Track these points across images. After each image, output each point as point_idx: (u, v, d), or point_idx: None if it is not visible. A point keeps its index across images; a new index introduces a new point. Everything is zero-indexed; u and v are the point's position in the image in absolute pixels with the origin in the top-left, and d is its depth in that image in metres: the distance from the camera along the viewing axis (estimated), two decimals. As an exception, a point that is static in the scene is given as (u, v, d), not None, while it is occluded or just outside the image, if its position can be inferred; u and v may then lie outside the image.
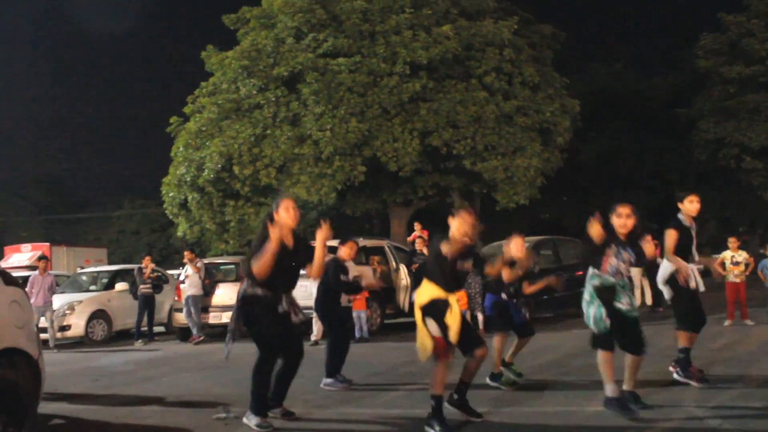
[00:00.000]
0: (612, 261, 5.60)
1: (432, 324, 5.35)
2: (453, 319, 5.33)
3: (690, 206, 6.73)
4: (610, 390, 5.52)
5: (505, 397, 6.11)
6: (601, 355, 5.58)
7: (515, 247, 6.99)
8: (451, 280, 5.46)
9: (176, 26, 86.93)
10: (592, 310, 5.62)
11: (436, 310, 5.38)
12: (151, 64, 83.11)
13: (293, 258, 5.83)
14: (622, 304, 5.55)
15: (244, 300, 5.80)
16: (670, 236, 6.68)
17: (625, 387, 5.67)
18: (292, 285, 5.95)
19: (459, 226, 5.51)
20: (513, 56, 19.63)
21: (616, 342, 5.60)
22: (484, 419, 5.55)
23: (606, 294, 5.59)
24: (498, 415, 5.74)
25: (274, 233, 5.53)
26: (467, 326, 5.64)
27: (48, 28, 75.96)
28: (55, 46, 77.79)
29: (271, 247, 5.51)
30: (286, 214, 5.76)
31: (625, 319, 5.56)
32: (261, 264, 5.55)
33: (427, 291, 5.47)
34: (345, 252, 8.22)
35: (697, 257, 6.77)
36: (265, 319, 5.74)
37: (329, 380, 7.51)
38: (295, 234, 5.94)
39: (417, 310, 5.48)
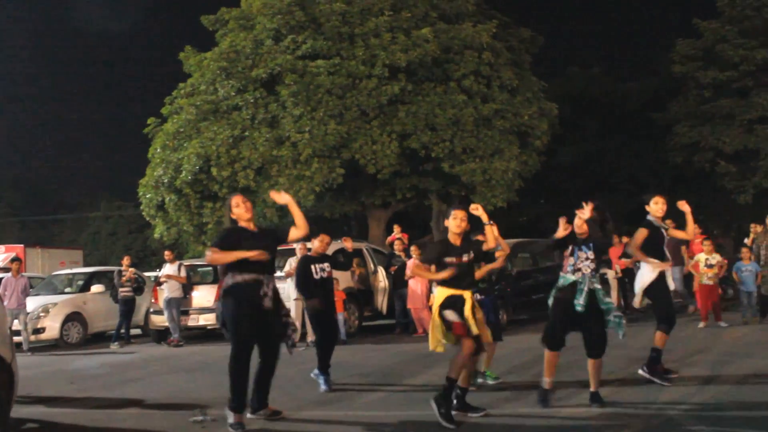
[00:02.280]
0: (569, 261, 5.86)
1: (449, 313, 5.63)
2: (469, 313, 5.61)
3: (655, 207, 6.86)
4: (544, 382, 5.92)
5: (482, 400, 6.14)
6: (546, 353, 5.98)
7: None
8: (457, 277, 5.67)
9: (154, 27, 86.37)
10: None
11: (451, 304, 5.66)
12: (129, 64, 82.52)
13: (260, 240, 5.95)
14: (580, 304, 5.74)
15: (225, 292, 5.91)
16: (639, 233, 6.93)
17: (591, 388, 5.80)
18: (272, 269, 6.04)
19: (451, 222, 5.82)
20: (491, 59, 19.72)
21: (584, 344, 5.86)
22: (462, 421, 5.57)
23: (565, 292, 5.84)
24: (476, 418, 5.75)
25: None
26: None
27: (23, 29, 75.15)
28: (30, 47, 76.94)
29: (235, 254, 5.77)
30: (238, 210, 6.05)
31: (584, 317, 5.77)
32: (219, 257, 5.88)
33: (441, 292, 5.77)
34: (316, 245, 8.05)
35: (669, 257, 6.88)
36: (238, 312, 5.79)
37: (316, 371, 7.58)
38: (261, 227, 6.25)
39: (435, 310, 5.77)
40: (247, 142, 17.96)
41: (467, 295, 5.69)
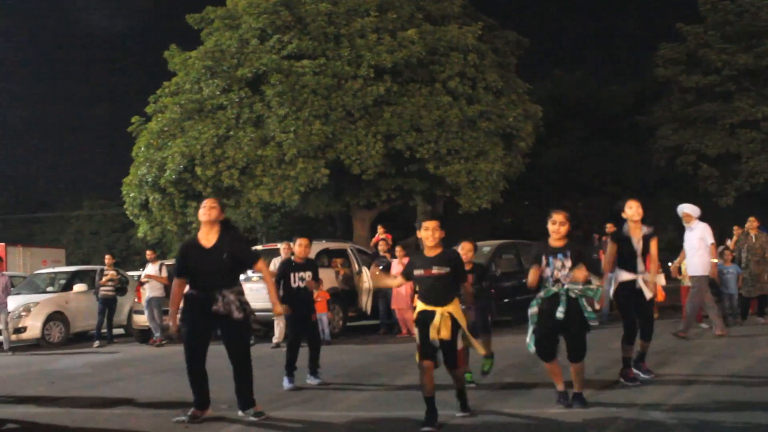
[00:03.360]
0: (546, 272, 5.85)
1: (416, 332, 5.60)
2: (434, 331, 5.47)
3: (629, 211, 6.89)
4: (557, 387, 5.96)
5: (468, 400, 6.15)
6: (545, 365, 5.98)
7: (463, 252, 7.01)
8: (426, 291, 5.57)
9: (139, 25, 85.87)
10: (530, 331, 6.02)
11: (420, 320, 5.56)
12: (113, 62, 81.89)
13: (211, 257, 5.98)
14: (560, 314, 5.75)
15: (184, 300, 6.13)
16: (608, 250, 7.07)
17: (574, 389, 5.88)
18: (225, 282, 5.98)
19: (423, 234, 5.63)
20: (477, 61, 19.79)
21: (566, 349, 5.88)
22: (444, 422, 5.57)
23: (548, 304, 5.84)
24: (458, 418, 5.77)
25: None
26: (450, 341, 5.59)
27: (5, 27, 74.47)
28: (12, 46, 76.26)
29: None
30: (200, 212, 6.15)
31: (562, 325, 5.80)
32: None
33: (418, 306, 5.69)
34: (297, 251, 7.96)
35: (641, 267, 6.89)
36: (187, 318, 6.04)
37: (308, 374, 7.73)
38: (226, 231, 6.14)
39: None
40: (231, 141, 17.91)
41: (438, 311, 5.47)
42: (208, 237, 6.08)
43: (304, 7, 19.30)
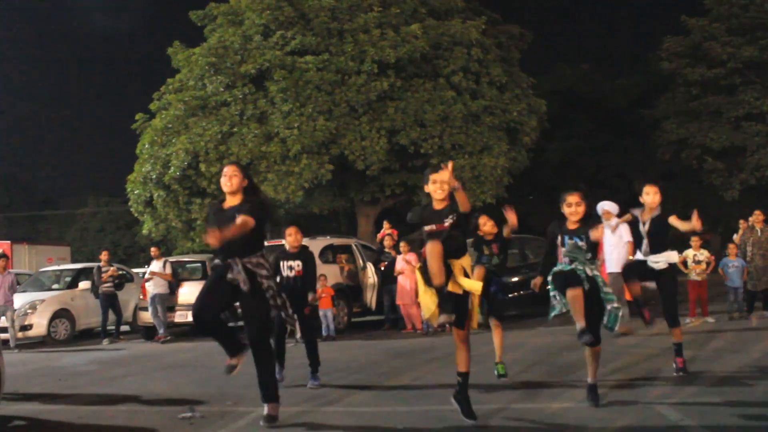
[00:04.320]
0: (562, 253, 5.69)
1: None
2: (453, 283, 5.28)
3: (647, 198, 6.82)
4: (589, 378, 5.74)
5: (472, 396, 6.14)
6: (586, 349, 5.72)
7: (482, 223, 7.34)
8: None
9: (143, 22, 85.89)
10: (554, 302, 5.76)
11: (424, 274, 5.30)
12: (117, 60, 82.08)
13: (222, 216, 5.64)
14: (586, 282, 5.53)
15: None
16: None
17: (589, 379, 5.76)
18: (240, 249, 5.56)
19: (430, 187, 5.41)
20: (480, 56, 19.76)
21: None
22: (444, 416, 5.56)
23: (561, 277, 5.63)
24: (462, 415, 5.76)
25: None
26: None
27: (9, 25, 74.58)
28: (17, 44, 76.36)
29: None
30: (222, 181, 5.83)
31: (590, 300, 5.54)
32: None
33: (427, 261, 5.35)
34: (288, 240, 7.68)
35: (646, 248, 6.82)
36: (206, 280, 5.87)
37: (310, 381, 7.40)
38: (248, 196, 5.78)
39: (419, 279, 5.43)
40: (235, 138, 17.92)
41: (456, 263, 5.30)
42: (230, 201, 5.79)
43: (307, 3, 19.29)
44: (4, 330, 13.22)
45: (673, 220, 6.74)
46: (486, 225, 7.31)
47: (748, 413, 5.25)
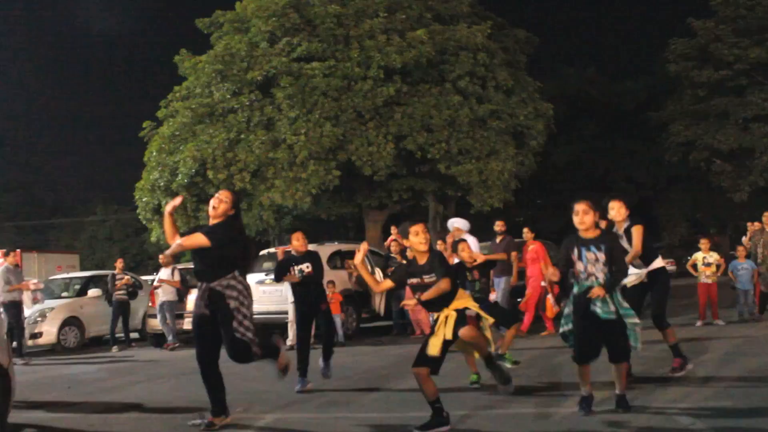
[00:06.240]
0: (579, 266, 5.42)
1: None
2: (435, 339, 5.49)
3: (612, 213, 6.83)
4: (583, 391, 5.57)
5: (478, 400, 6.14)
6: (577, 367, 5.54)
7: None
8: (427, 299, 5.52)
9: (149, 30, 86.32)
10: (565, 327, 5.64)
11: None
12: (124, 68, 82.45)
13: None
14: (597, 307, 5.33)
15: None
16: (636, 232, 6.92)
17: (616, 391, 5.59)
18: (210, 274, 5.73)
19: (413, 240, 5.56)
20: (486, 60, 19.75)
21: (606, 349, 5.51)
22: (452, 426, 5.52)
23: (581, 300, 5.41)
24: (471, 418, 5.75)
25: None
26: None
27: (19, 32, 75.04)
28: (25, 50, 76.86)
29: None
30: (210, 202, 6.03)
31: (603, 323, 5.35)
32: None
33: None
34: (295, 245, 7.82)
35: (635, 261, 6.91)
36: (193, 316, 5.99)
37: (322, 364, 7.67)
38: (227, 223, 5.92)
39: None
40: (242, 144, 17.95)
41: (441, 316, 5.46)
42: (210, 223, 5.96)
43: (313, 10, 19.33)
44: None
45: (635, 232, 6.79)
46: (464, 252, 7.37)
47: (759, 417, 5.22)
